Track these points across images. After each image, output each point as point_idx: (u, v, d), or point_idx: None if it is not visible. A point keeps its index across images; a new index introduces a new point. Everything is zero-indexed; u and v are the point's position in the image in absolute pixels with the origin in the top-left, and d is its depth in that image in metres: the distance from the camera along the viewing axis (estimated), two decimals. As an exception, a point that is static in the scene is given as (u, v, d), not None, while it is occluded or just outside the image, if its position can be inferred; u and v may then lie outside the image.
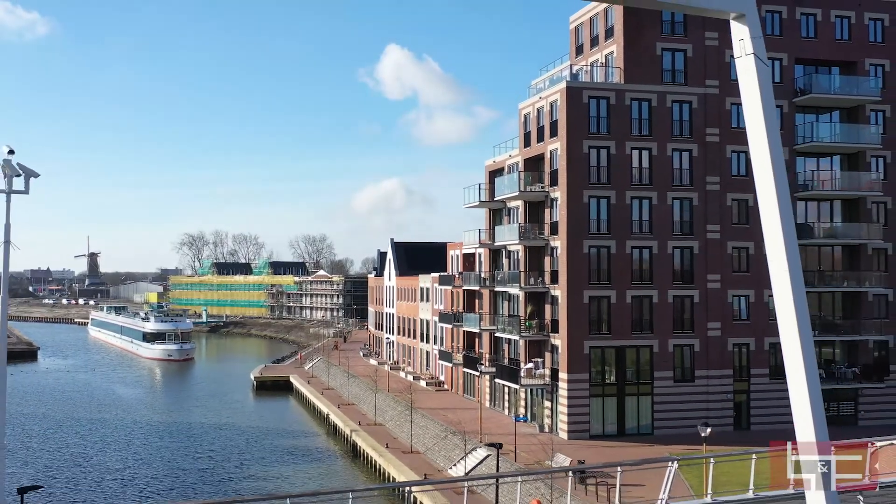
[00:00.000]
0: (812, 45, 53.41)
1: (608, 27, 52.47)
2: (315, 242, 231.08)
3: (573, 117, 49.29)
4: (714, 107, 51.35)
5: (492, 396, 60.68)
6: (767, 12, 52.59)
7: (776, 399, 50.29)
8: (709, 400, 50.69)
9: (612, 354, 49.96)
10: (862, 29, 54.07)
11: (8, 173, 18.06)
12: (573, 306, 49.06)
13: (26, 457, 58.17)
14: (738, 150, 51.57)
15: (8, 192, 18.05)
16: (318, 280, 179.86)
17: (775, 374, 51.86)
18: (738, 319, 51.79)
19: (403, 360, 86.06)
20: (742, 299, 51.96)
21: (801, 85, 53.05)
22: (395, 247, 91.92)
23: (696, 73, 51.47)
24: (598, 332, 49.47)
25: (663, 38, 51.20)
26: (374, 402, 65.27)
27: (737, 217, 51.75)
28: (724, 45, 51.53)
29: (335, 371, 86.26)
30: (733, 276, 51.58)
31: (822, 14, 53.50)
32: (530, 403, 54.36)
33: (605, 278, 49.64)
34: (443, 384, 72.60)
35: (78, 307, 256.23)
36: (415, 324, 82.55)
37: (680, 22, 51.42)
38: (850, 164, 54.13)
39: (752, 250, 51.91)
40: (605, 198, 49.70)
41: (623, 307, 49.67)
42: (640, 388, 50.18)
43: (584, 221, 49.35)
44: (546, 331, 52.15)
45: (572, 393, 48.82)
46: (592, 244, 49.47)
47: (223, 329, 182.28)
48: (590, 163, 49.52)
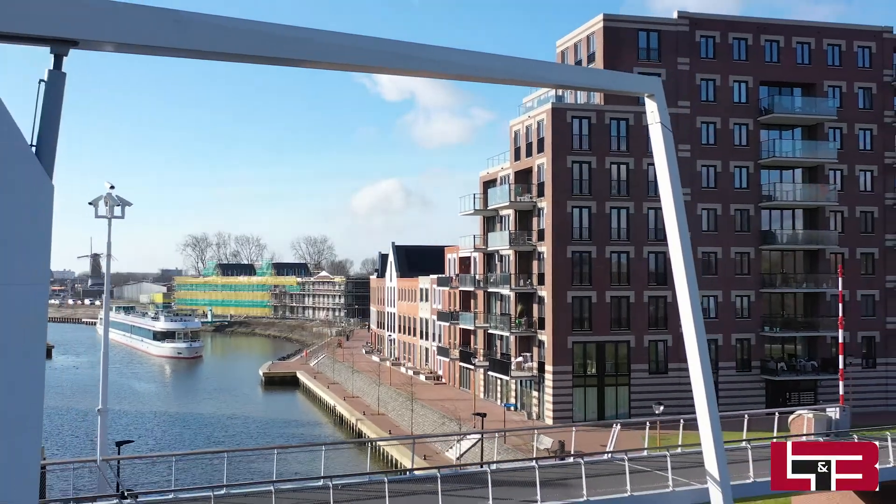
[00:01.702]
0: (775, 69, 58.90)
1: (590, 53, 57.94)
2: (316, 244, 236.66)
3: (558, 135, 54.80)
4: (686, 125, 56.80)
5: (485, 388, 66.14)
6: (734, 39, 58.11)
7: (740, 389, 55.83)
8: (680, 390, 56.08)
9: (593, 349, 55.43)
10: (821, 54, 59.58)
11: (110, 203, 23.57)
12: (558, 305, 54.52)
13: (62, 441, 63.57)
14: (708, 164, 57.16)
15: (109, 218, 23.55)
16: (321, 281, 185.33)
17: (741, 367, 57.47)
18: (707, 318, 57.10)
19: (404, 356, 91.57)
20: (710, 299, 57.47)
21: (765, 105, 58.50)
22: (396, 250, 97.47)
23: (669, 95, 56.79)
24: (580, 329, 54.95)
25: (640, 63, 56.65)
26: (377, 395, 70.72)
27: (706, 225, 57.25)
28: (695, 69, 57.15)
29: (339, 367, 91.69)
30: (703, 278, 56.94)
31: (785, 40, 59.01)
32: (520, 394, 59.83)
33: (587, 280, 55.13)
34: (441, 378, 78.07)
35: (84, 307, 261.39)
36: (415, 322, 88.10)
37: (655, 49, 56.90)
38: (810, 176, 59.63)
39: (720, 255, 57.39)
40: (587, 207, 55.20)
41: (603, 306, 55.14)
42: (618, 379, 55.64)
43: (567, 229, 54.83)
44: (534, 328, 57.61)
45: (557, 383, 54.26)
46: (575, 249, 54.95)
47: (228, 329, 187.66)
48: (573, 176, 55.01)
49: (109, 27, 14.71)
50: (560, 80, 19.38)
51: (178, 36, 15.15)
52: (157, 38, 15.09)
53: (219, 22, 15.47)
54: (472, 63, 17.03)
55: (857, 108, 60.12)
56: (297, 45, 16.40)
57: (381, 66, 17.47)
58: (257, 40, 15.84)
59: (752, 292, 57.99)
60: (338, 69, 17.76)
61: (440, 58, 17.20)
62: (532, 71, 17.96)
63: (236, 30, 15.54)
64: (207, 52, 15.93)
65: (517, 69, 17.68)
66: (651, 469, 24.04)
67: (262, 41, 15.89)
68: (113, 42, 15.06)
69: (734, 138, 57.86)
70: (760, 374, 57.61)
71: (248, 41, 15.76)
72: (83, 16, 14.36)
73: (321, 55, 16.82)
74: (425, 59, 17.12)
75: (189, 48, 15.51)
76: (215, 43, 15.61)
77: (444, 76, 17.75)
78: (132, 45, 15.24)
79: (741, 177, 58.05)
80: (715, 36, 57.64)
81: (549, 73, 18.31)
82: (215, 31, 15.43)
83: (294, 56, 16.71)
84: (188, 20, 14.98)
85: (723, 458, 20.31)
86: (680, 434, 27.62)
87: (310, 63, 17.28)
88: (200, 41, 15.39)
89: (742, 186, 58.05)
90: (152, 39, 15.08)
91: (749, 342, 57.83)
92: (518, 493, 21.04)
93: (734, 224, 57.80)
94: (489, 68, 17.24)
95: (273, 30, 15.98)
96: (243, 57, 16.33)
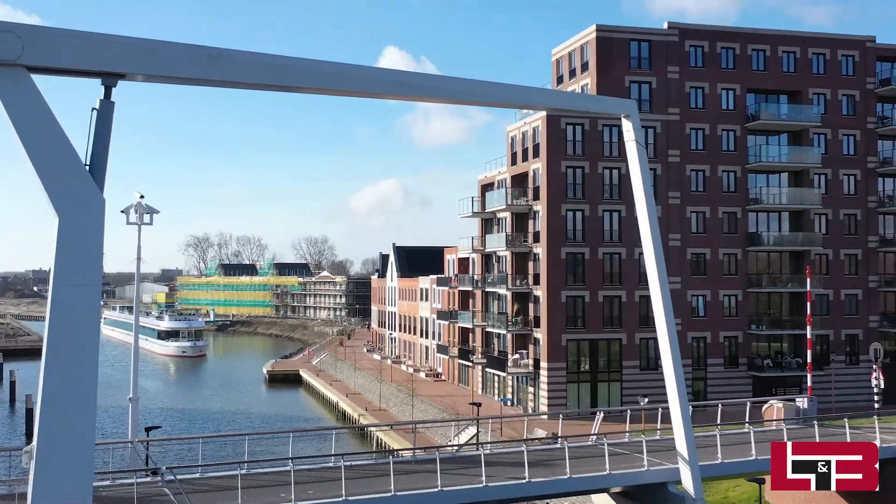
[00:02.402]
0: (762, 77, 61.18)
1: (584, 62, 60.21)
2: (317, 244, 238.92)
3: (552, 141, 57.10)
4: (675, 131, 59.09)
5: (483, 384, 68.45)
6: (722, 48, 60.38)
7: (728, 385, 58.17)
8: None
9: (587, 346, 57.71)
10: (806, 62, 61.86)
11: (140, 212, 25.92)
12: (552, 305, 56.81)
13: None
14: (697, 168, 59.46)
15: (139, 225, 25.90)
16: (322, 281, 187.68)
17: (729, 364, 59.78)
18: (697, 316, 59.57)
19: (404, 355, 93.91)
20: (700, 298, 59.75)
21: (752, 111, 60.77)
22: (397, 250, 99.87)
23: (659, 102, 59.18)
24: (574, 327, 57.23)
25: (631, 71, 58.91)
26: (378, 391, 73.04)
27: (695, 227, 59.51)
28: (684, 77, 59.42)
29: (342, 365, 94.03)
30: (692, 278, 59.37)
31: (771, 49, 61.28)
32: (516, 389, 62.14)
33: (581, 280, 57.41)
34: (440, 375, 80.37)
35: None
36: (415, 321, 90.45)
37: (646, 58, 59.16)
38: (796, 180, 61.89)
39: (708, 256, 59.66)
40: (581, 210, 57.50)
41: (596, 305, 57.44)
42: (610, 375, 57.95)
43: (562, 231, 57.12)
44: (529, 326, 59.91)
45: (552, 379, 56.54)
46: (569, 251, 57.25)
47: (230, 328, 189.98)
48: (567, 180, 57.30)
49: (150, 62, 17.24)
50: (545, 104, 21.68)
51: (209, 69, 17.68)
52: (190, 71, 17.62)
53: (243, 56, 18.02)
54: (464, 90, 19.52)
55: (841, 114, 62.39)
56: (310, 76, 19.00)
57: (380, 93, 20.06)
58: (276, 72, 18.40)
59: (739, 292, 60.26)
60: (343, 95, 20.30)
61: (434, 85, 19.74)
62: (519, 95, 20.40)
63: (257, 63, 18.10)
64: (233, 83, 18.51)
65: (505, 94, 20.12)
66: (630, 452, 26.32)
67: (279, 72, 18.45)
68: (153, 75, 17.58)
69: (722, 144, 60.13)
70: (748, 371, 59.87)
71: (268, 72, 18.31)
72: (129, 53, 16.89)
73: (331, 84, 19.45)
74: (421, 87, 19.65)
75: (218, 79, 18.09)
76: (240, 74, 18.16)
77: (439, 101, 20.24)
78: (169, 77, 17.79)
79: (729, 181, 60.32)
80: (703, 45, 59.91)
81: (536, 98, 20.68)
82: (240, 64, 17.98)
83: (307, 85, 19.34)
84: (217, 55, 17.51)
85: (691, 441, 22.67)
86: (658, 423, 29.90)
87: (321, 91, 19.90)
88: (227, 73, 17.95)
89: (730, 190, 60.30)
90: (187, 72, 17.62)
91: (737, 340, 60.11)
92: (508, 471, 23.32)
93: (722, 226, 60.06)
94: (480, 94, 19.71)
95: (288, 62, 18.55)
96: (263, 86, 18.92)
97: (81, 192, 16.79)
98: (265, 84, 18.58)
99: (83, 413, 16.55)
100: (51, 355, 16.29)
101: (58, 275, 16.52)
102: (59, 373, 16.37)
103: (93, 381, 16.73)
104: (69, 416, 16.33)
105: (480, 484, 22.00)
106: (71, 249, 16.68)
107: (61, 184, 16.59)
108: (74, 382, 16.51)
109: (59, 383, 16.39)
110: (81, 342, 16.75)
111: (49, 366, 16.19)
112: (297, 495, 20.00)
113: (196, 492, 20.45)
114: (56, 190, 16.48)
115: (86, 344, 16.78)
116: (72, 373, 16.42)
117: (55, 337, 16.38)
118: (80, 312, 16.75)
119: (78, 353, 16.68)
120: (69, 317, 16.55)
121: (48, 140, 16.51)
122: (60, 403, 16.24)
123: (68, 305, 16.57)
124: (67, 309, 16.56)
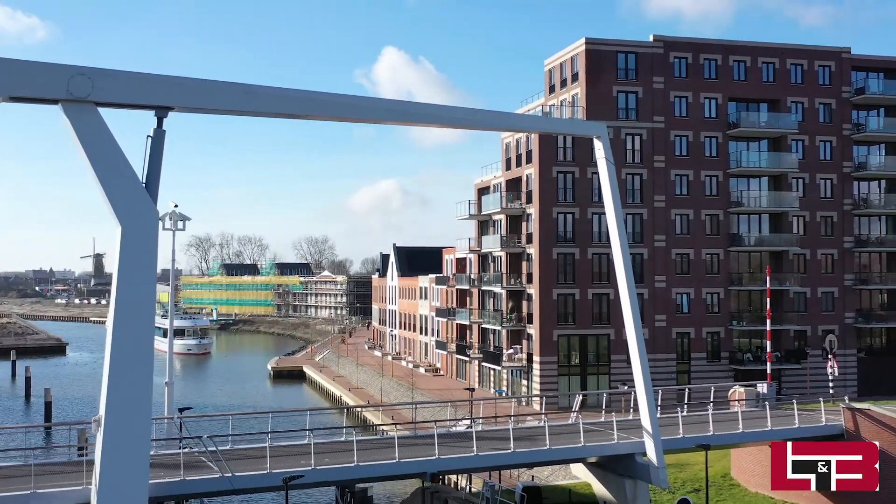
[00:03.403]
0: (742, 86, 64.67)
1: (574, 72, 63.67)
2: (317, 244, 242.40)
3: (544, 148, 60.55)
4: (661, 138, 62.55)
5: (480, 378, 71.95)
6: (705, 60, 63.86)
7: (710, 377, 61.56)
8: (656, 378, 61.82)
9: (577, 341, 61.21)
10: (784, 73, 65.34)
11: (173, 219, 29.38)
12: (545, 302, 60.29)
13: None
14: (681, 173, 62.95)
15: (174, 231, 29.35)
16: (323, 280, 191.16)
17: (711, 358, 63.28)
18: (681, 312, 63.06)
19: (405, 351, 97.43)
20: (684, 296, 63.25)
21: (733, 119, 64.25)
22: (397, 251, 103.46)
23: (645, 111, 62.63)
24: (565, 323, 60.73)
25: (619, 82, 62.37)
26: (380, 386, 76.46)
27: (679, 229, 63.02)
28: (669, 87, 62.89)
29: (344, 361, 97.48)
30: (676, 277, 62.84)
31: (751, 61, 64.75)
32: (511, 382, 65.64)
33: (571, 279, 60.90)
34: (439, 370, 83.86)
35: (91, 306, 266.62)
36: (414, 319, 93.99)
37: (633, 69, 62.61)
38: (775, 184, 65.38)
39: (692, 256, 63.15)
40: (571, 213, 60.98)
41: (585, 303, 60.92)
42: (599, 368, 61.43)
43: (553, 232, 60.61)
44: (523, 322, 63.41)
45: (544, 372, 60.03)
46: (560, 251, 60.73)
47: (233, 327, 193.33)
48: (558, 185, 60.79)
49: (195, 98, 20.87)
50: (525, 127, 25.24)
51: (243, 102, 21.36)
52: (231, 105, 21.31)
53: (273, 91, 21.67)
54: (451, 115, 23.10)
55: (818, 121, 65.89)
56: (325, 107, 22.65)
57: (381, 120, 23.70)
58: (299, 103, 22.05)
59: (721, 290, 63.75)
60: (350, 122, 24.00)
61: (428, 112, 23.38)
62: (500, 120, 24.03)
63: (284, 97, 21.74)
64: (264, 113, 22.11)
65: (490, 119, 23.74)
66: (604, 430, 29.79)
67: (302, 104, 22.10)
68: (197, 108, 21.21)
69: (705, 150, 63.60)
70: (729, 364, 63.38)
71: (293, 104, 21.97)
72: (178, 90, 20.53)
73: (342, 113, 23.04)
74: (416, 114, 23.41)
75: (251, 111, 21.72)
76: (270, 106, 21.83)
77: (429, 125, 23.91)
78: (210, 109, 21.43)
79: (712, 185, 63.80)
80: (687, 57, 63.38)
81: (517, 122, 24.27)
82: (270, 98, 21.62)
83: (323, 115, 23.02)
84: (255, 91, 21.17)
85: (655, 418, 26.17)
86: (631, 406, 33.38)
87: (333, 118, 23.43)
88: (259, 106, 21.62)
89: (712, 193, 63.78)
90: (228, 105, 21.30)
91: (719, 335, 63.62)
92: (496, 444, 26.81)
93: (705, 228, 63.54)
94: (468, 120, 23.24)
95: (309, 96, 22.25)
96: (289, 115, 22.53)
97: (139, 205, 20.37)
98: (291, 114, 22.21)
99: (142, 387, 20.12)
100: (116, 341, 19.86)
101: (121, 273, 20.12)
102: (122, 355, 19.92)
103: (149, 361, 20.29)
104: (131, 389, 19.88)
105: (472, 453, 25.50)
106: (131, 252, 20.27)
107: (123, 199, 20.16)
108: (134, 363, 20.08)
109: (122, 364, 19.89)
110: (140, 329, 20.35)
111: (115, 349, 19.73)
112: (316, 462, 23.48)
113: (230, 459, 23.92)
114: (119, 204, 20.03)
115: (144, 331, 20.39)
116: (132, 355, 19.99)
117: (120, 324, 19.94)
118: (140, 303, 20.34)
119: (137, 338, 20.27)
120: (130, 306, 20.13)
121: (113, 162, 20.05)
122: (124, 380, 19.79)
123: (129, 297, 20.16)
124: (129, 300, 20.14)
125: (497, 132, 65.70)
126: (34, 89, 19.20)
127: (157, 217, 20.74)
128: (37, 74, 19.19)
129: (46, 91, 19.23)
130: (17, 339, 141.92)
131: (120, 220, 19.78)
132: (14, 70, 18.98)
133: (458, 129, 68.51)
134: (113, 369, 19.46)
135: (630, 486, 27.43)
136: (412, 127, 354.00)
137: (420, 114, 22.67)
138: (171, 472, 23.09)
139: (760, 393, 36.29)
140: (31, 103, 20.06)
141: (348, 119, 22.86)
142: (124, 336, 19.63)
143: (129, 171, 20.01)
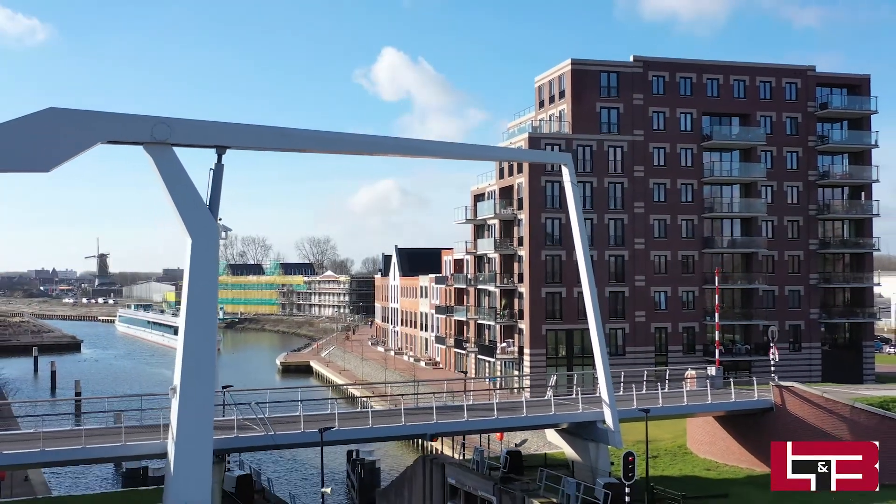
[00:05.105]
0: (716, 102, 70.63)
1: (561, 90, 69.63)
2: (319, 244, 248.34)
3: (534, 159, 66.46)
4: (640, 150, 68.51)
5: (476, 369, 77.94)
6: (681, 78, 69.83)
7: (686, 367, 67.45)
8: (636, 368, 67.82)
9: (563, 336, 67.17)
10: (754, 89, 71.31)
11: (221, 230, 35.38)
12: (534, 300, 66.26)
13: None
14: (659, 182, 68.91)
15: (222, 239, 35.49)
16: (326, 280, 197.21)
17: (687, 351, 69.23)
18: (659, 309, 69.03)
19: (406, 346, 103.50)
20: (662, 294, 69.20)
21: (707, 132, 70.22)
22: (399, 252, 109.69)
23: (626, 125, 68.57)
24: (552, 319, 66.69)
25: (601, 98, 68.32)
26: (383, 378, 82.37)
27: (657, 233, 68.98)
28: (648, 103, 68.86)
29: (349, 356, 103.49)
30: (655, 276, 68.81)
31: (724, 78, 70.73)
32: (503, 373, 71.61)
33: (558, 279, 66.85)
34: (438, 363, 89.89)
35: (99, 306, 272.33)
36: (415, 316, 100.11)
37: (614, 87, 68.57)
38: (746, 191, 71.34)
39: (669, 257, 69.10)
40: (558, 218, 66.91)
41: (571, 300, 66.86)
42: (584, 360, 67.21)
43: (542, 236, 66.56)
44: (515, 318, 69.41)
45: (534, 363, 65.98)
46: (548, 253, 66.69)
47: (239, 325, 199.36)
48: (546, 193, 66.72)
49: (246, 139, 27.04)
50: (498, 157, 31.33)
51: (283, 142, 27.42)
52: (272, 144, 27.45)
53: (304, 133, 27.74)
54: (429, 148, 29.26)
55: (785, 134, 71.89)
56: (349, 144, 28.63)
57: (382, 153, 29.83)
58: (325, 142, 28.15)
59: (696, 288, 69.70)
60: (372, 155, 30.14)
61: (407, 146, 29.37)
62: (475, 152, 30.20)
63: (314, 137, 27.77)
64: (300, 149, 28.20)
65: (467, 151, 29.82)
66: (572, 403, 35.81)
67: (327, 142, 28.18)
68: (248, 146, 27.40)
69: (681, 160, 69.57)
70: (703, 356, 69.28)
71: (320, 142, 28.02)
72: (233, 133, 26.70)
73: (362, 149, 29.11)
74: (418, 149, 29.26)
75: (290, 147, 27.87)
76: (304, 144, 27.90)
77: (411, 156, 30.28)
78: (258, 147, 27.62)
79: (687, 192, 69.76)
80: (664, 75, 69.35)
81: (492, 153, 30.41)
82: (302, 138, 27.70)
83: (349, 150, 29.03)
84: (289, 133, 27.25)
85: (611, 391, 32.20)
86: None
87: (352, 153, 29.45)
88: (296, 144, 27.71)
89: (688, 200, 69.71)
90: (269, 144, 27.45)
91: (694, 329, 69.59)
92: (483, 413, 32.86)
93: (681, 232, 69.49)
94: (444, 150, 29.38)
95: (331, 136, 28.33)
96: (318, 150, 28.58)
97: (205, 223, 26.41)
98: (318, 150, 28.25)
99: (207, 363, 26.12)
100: (188, 326, 25.84)
101: (192, 273, 26.14)
102: (192, 338, 25.90)
103: (213, 343, 26.32)
104: (199, 365, 25.87)
105: (463, 419, 31.58)
106: (200, 258, 26.29)
107: (193, 218, 26.20)
108: (202, 344, 26.08)
109: (193, 345, 25.88)
110: (206, 322, 26.40)
111: (187, 333, 25.71)
112: (340, 425, 29.53)
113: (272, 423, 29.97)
114: (190, 222, 26.08)
115: (209, 324, 26.41)
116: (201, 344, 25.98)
117: (191, 313, 25.92)
118: (206, 302, 26.34)
119: (204, 324, 26.27)
120: (199, 304, 26.11)
121: (186, 191, 26.12)
122: (193, 358, 25.77)
123: (198, 292, 26.16)
124: (198, 299, 26.14)
125: (496, 131, 71.55)
126: (126, 135, 25.19)
127: (218, 231, 26.77)
128: (128, 123, 25.19)
129: (136, 136, 25.22)
130: (34, 337, 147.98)
131: (190, 234, 25.76)
132: (111, 120, 24.96)
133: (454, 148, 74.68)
134: (186, 350, 25.46)
135: (593, 448, 33.34)
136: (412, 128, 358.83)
137: (425, 149, 28.81)
138: (226, 432, 29.10)
139: (710, 375, 42.29)
140: (121, 145, 26.03)
141: (363, 153, 28.94)
142: (195, 323, 25.63)
143: (197, 195, 26.01)
